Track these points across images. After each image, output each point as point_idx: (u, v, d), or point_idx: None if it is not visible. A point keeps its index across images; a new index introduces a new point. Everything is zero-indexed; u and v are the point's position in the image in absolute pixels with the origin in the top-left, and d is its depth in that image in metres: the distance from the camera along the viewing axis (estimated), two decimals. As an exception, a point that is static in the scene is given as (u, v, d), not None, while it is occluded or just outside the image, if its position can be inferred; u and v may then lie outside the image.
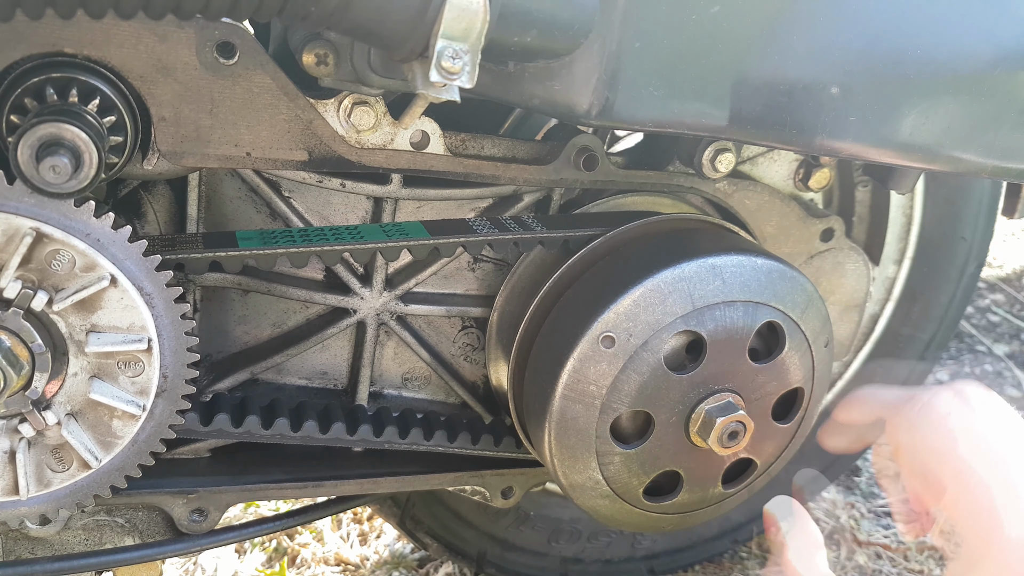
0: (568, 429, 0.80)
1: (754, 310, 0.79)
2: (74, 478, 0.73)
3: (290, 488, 0.91)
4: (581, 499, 0.85)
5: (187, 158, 0.72)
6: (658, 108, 0.70)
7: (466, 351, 0.99)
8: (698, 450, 0.82)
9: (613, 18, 0.66)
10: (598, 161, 0.86)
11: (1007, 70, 0.75)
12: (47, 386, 0.68)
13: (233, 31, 0.69)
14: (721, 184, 0.93)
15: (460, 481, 0.98)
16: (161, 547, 0.87)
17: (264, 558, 1.49)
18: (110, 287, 0.67)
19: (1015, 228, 3.09)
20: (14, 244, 0.64)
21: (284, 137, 0.74)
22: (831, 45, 0.71)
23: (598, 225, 0.86)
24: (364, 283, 0.90)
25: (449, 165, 0.81)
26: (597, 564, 1.33)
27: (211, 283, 0.86)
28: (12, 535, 0.84)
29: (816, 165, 0.96)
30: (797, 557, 0.76)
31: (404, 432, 0.91)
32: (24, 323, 0.65)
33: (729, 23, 0.69)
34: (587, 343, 0.77)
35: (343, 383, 0.96)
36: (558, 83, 0.69)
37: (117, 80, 0.68)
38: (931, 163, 0.78)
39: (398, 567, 1.47)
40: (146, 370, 0.70)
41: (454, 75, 0.60)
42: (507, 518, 1.25)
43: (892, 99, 0.73)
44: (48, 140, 0.61)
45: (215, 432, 0.84)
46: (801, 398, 0.86)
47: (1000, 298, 2.61)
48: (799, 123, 0.72)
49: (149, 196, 0.84)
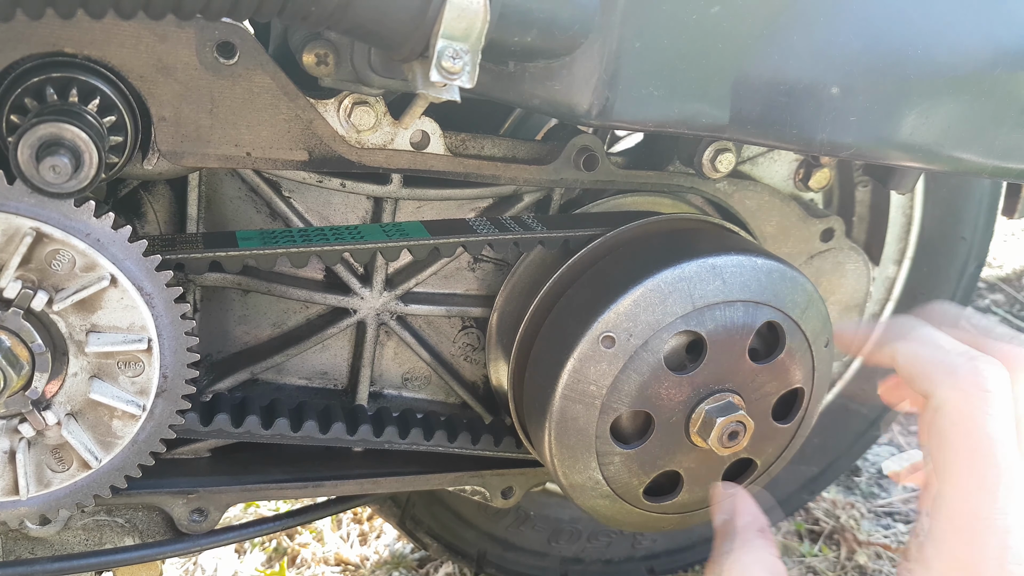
0: (568, 429, 0.80)
1: (754, 310, 0.79)
2: (74, 478, 0.73)
3: (290, 488, 0.91)
4: (581, 499, 0.85)
5: (187, 158, 0.72)
6: (658, 108, 0.70)
7: (466, 351, 0.99)
8: (698, 450, 0.82)
9: (613, 18, 0.66)
10: (598, 161, 0.86)
11: (1007, 70, 0.75)
12: (47, 386, 0.68)
13: (233, 31, 0.69)
14: (721, 184, 0.93)
15: (460, 481, 0.98)
16: (161, 547, 0.87)
17: (264, 558, 1.49)
18: (110, 287, 0.67)
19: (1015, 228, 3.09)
20: (14, 244, 0.64)
21: (284, 137, 0.74)
22: (831, 45, 0.71)
23: (598, 225, 0.86)
24: (364, 283, 0.90)
25: (449, 165, 0.81)
26: (597, 564, 1.33)
27: (211, 283, 0.86)
28: (12, 535, 0.84)
29: (816, 165, 0.96)
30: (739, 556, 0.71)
31: (404, 432, 0.91)
32: (24, 323, 0.65)
33: (729, 23, 0.69)
34: (587, 343, 0.77)
35: (343, 383, 0.96)
36: (558, 83, 0.69)
37: (117, 80, 0.68)
38: (931, 163, 0.78)
39: (398, 567, 1.47)
40: (146, 370, 0.70)
41: (454, 75, 0.60)
42: (507, 518, 1.25)
43: (892, 99, 0.73)
44: (48, 140, 0.61)
45: (215, 432, 0.84)
46: (801, 398, 0.86)
47: (1000, 298, 2.61)
48: (799, 123, 0.72)
49: (149, 196, 0.84)
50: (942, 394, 0.62)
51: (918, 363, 0.65)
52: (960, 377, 0.61)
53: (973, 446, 0.59)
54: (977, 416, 0.60)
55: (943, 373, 0.63)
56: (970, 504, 0.58)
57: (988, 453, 0.59)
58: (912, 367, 0.66)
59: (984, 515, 0.58)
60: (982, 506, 0.58)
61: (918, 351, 0.66)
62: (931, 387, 0.63)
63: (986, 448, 0.59)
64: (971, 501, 0.58)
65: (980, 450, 0.59)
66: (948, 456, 0.60)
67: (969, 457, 0.59)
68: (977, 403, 0.60)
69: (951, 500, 0.59)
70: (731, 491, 0.79)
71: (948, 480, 0.60)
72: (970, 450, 0.59)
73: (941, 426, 0.61)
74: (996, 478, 0.58)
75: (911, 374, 0.66)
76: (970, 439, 0.60)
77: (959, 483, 0.59)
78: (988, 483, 0.58)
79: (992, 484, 0.58)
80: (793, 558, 1.57)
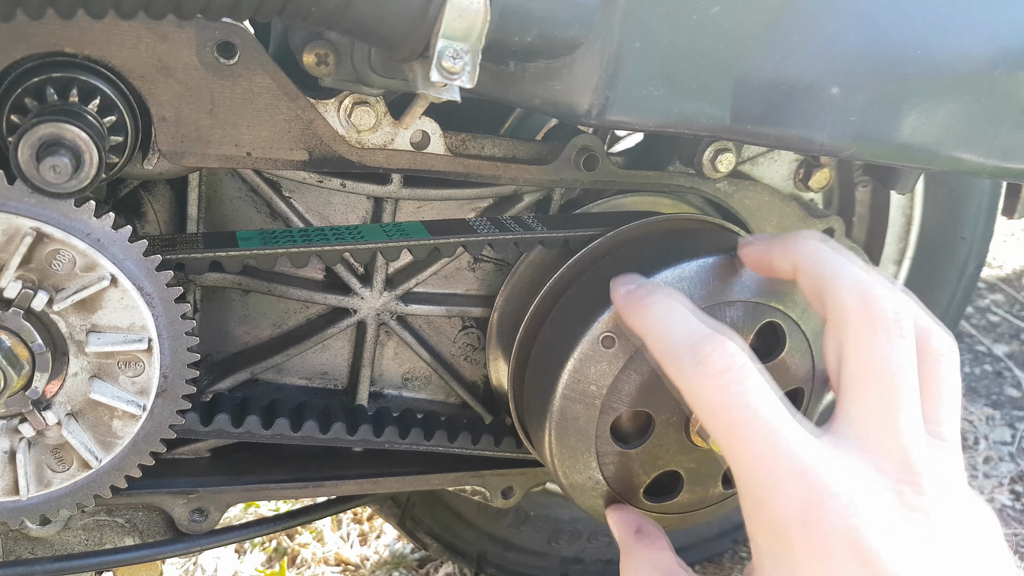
0: (568, 429, 0.80)
1: (754, 310, 0.79)
2: (74, 478, 0.73)
3: (290, 488, 0.91)
4: (581, 499, 0.85)
5: (187, 158, 0.72)
6: (659, 108, 0.70)
7: (466, 351, 0.99)
8: (698, 450, 0.82)
9: (614, 18, 0.66)
10: (598, 161, 0.86)
11: (1007, 70, 0.75)
12: (47, 386, 0.68)
13: (233, 31, 0.69)
14: (721, 184, 0.93)
15: (460, 481, 0.98)
16: (161, 547, 0.87)
17: (264, 558, 1.49)
18: (110, 287, 0.67)
19: (1015, 228, 3.09)
20: (14, 244, 0.64)
21: (284, 137, 0.74)
22: (831, 45, 0.71)
23: (598, 225, 0.86)
24: (364, 283, 0.90)
25: (449, 165, 0.82)
26: (597, 564, 1.33)
27: (211, 283, 0.86)
28: (12, 535, 0.84)
29: (816, 165, 0.96)
30: None
31: (404, 432, 0.91)
32: (24, 323, 0.65)
33: (730, 23, 0.69)
34: (587, 343, 0.77)
35: (343, 383, 0.96)
36: (559, 83, 0.69)
37: (117, 80, 0.68)
38: (931, 163, 0.78)
39: (398, 567, 1.47)
40: (146, 370, 0.70)
41: (455, 75, 0.60)
42: (507, 518, 1.25)
43: (892, 99, 0.73)
44: (48, 140, 0.61)
45: (215, 432, 0.84)
46: (802, 398, 0.86)
47: (1000, 298, 2.61)
48: (799, 123, 0.72)
49: (149, 196, 0.84)
50: (848, 316, 0.62)
51: (819, 279, 0.66)
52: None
53: (876, 371, 0.61)
54: (879, 345, 0.61)
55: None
56: (876, 420, 0.60)
57: (890, 378, 0.60)
58: (812, 282, 0.67)
59: (888, 429, 0.59)
60: (885, 423, 0.59)
61: (819, 266, 0.67)
62: (834, 305, 0.64)
63: (887, 374, 0.60)
64: (877, 418, 0.60)
65: (883, 374, 0.60)
66: (853, 376, 0.62)
67: (873, 380, 0.61)
68: (879, 331, 0.61)
69: (857, 415, 0.61)
70: (610, 511, 0.81)
71: (853, 399, 0.61)
72: (873, 375, 0.61)
73: (845, 351, 0.62)
74: (897, 402, 0.60)
75: (810, 286, 0.67)
76: (872, 365, 0.61)
77: (863, 406, 0.61)
78: (889, 407, 0.60)
79: (894, 407, 0.60)
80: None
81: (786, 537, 0.55)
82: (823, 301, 0.65)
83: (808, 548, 0.54)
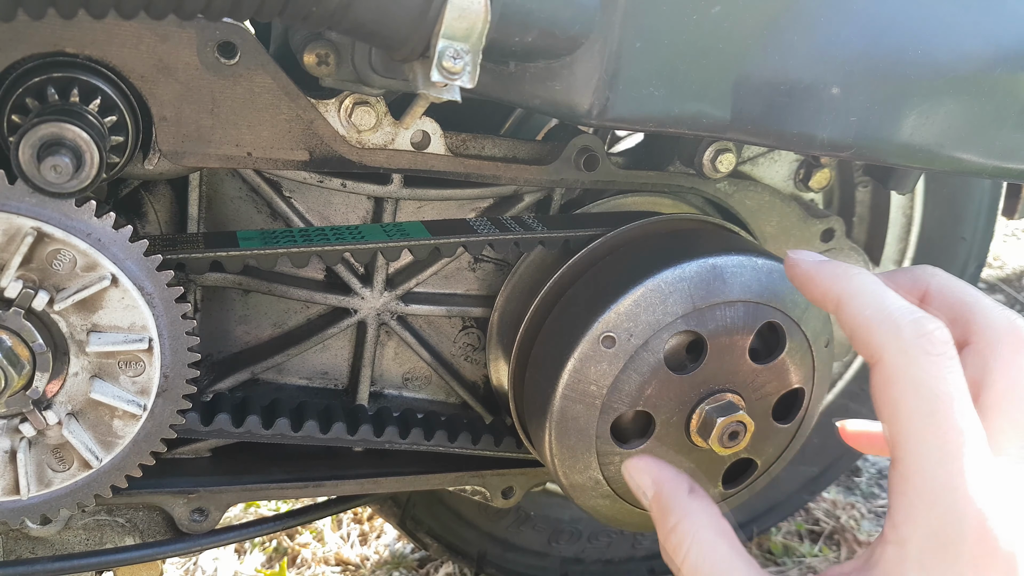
0: (568, 429, 0.80)
1: (754, 310, 0.79)
2: (75, 478, 0.73)
3: (290, 488, 0.91)
4: (582, 499, 0.85)
5: (188, 158, 0.72)
6: (659, 108, 0.70)
7: (466, 351, 0.99)
8: (698, 450, 0.82)
9: (614, 18, 0.66)
10: (599, 161, 0.86)
11: (1007, 70, 0.76)
12: (48, 386, 0.68)
13: (234, 31, 0.69)
14: (721, 184, 0.93)
15: (460, 481, 0.98)
16: (161, 547, 0.87)
17: (264, 558, 1.49)
18: (111, 287, 0.67)
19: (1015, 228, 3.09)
20: (15, 244, 0.64)
21: (285, 137, 0.74)
22: (832, 45, 0.71)
23: (599, 225, 0.86)
24: (365, 283, 0.90)
25: (450, 165, 0.82)
26: (597, 564, 1.33)
27: (212, 283, 0.86)
28: (12, 535, 0.84)
29: (816, 165, 0.96)
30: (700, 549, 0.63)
31: (405, 432, 0.91)
32: (25, 323, 0.65)
33: (730, 23, 0.69)
34: (588, 343, 0.77)
35: (344, 383, 0.96)
36: (559, 83, 0.69)
37: (118, 80, 0.68)
38: (931, 163, 0.78)
39: (398, 567, 1.47)
40: (147, 370, 0.71)
41: (455, 75, 0.60)
42: (507, 518, 1.25)
43: (893, 99, 0.73)
44: (49, 140, 0.61)
45: (216, 432, 0.84)
46: (802, 398, 0.86)
47: (1000, 298, 2.61)
48: (800, 123, 0.72)
49: (150, 196, 0.84)
50: (889, 358, 0.57)
51: (861, 320, 0.60)
52: (905, 338, 0.57)
53: (929, 410, 0.55)
54: (928, 378, 0.55)
55: (888, 333, 0.58)
56: (937, 474, 0.54)
57: (946, 416, 0.55)
58: (855, 323, 0.61)
59: (954, 485, 0.53)
60: (950, 475, 0.53)
61: (861, 307, 0.61)
62: (876, 349, 0.58)
63: (943, 411, 0.55)
64: (937, 471, 0.54)
65: (937, 414, 0.55)
66: (903, 423, 0.56)
67: (926, 422, 0.55)
68: (926, 364, 0.56)
69: (915, 471, 0.55)
70: (640, 463, 0.71)
71: (907, 449, 0.55)
72: (926, 414, 0.55)
73: (892, 393, 0.57)
74: (958, 442, 0.54)
75: (853, 330, 0.61)
76: (924, 403, 0.55)
77: (920, 451, 0.55)
78: (950, 449, 0.54)
79: (955, 449, 0.54)
80: (793, 558, 1.57)
81: (955, 547, 0.53)
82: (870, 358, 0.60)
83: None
